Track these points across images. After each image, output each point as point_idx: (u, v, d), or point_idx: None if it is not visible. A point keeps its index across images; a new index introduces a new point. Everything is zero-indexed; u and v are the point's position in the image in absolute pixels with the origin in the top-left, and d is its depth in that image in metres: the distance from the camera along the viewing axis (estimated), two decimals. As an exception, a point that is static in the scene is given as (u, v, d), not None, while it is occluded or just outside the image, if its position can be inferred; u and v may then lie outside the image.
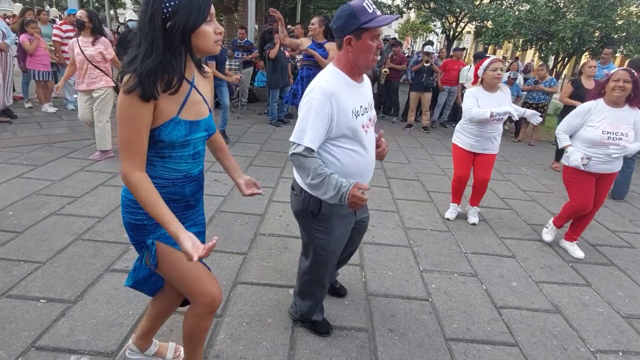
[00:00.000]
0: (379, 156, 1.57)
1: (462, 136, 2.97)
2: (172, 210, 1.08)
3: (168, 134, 1.05)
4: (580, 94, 4.68)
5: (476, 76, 2.89)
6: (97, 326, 1.71)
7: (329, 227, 1.54)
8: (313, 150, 1.34)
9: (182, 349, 1.55)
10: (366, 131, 1.46)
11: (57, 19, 5.77)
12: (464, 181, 3.05)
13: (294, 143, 1.36)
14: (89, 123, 3.78)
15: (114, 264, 2.17)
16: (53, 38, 5.37)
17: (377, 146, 1.56)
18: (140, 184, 1.04)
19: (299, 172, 1.41)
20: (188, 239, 1.03)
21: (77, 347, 1.59)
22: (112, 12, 11.76)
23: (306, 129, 1.33)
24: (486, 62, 2.79)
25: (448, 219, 3.15)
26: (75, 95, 5.91)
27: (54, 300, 1.85)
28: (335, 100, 1.33)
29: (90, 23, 3.49)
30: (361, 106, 1.44)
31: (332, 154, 1.41)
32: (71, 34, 5.46)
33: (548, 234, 2.94)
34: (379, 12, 1.33)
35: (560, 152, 5.13)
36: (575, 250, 2.77)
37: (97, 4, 15.50)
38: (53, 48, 5.53)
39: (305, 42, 3.99)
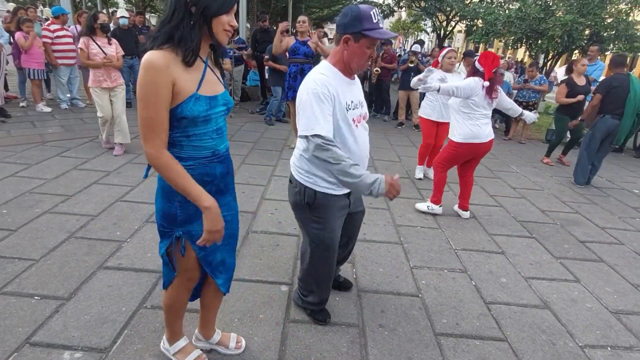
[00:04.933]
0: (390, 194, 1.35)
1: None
2: None
3: (190, 110, 1.09)
4: (574, 92, 4.76)
5: (437, 62, 3.72)
6: (91, 322, 1.72)
7: (324, 217, 1.59)
8: (329, 138, 1.35)
9: (243, 340, 1.66)
10: (357, 125, 1.51)
11: (51, 18, 5.70)
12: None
13: (306, 136, 1.37)
14: (109, 119, 3.89)
15: (106, 261, 2.18)
16: (43, 40, 5.32)
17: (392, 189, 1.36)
18: (172, 161, 1.08)
19: (327, 161, 1.34)
20: (216, 217, 1.14)
21: (71, 343, 1.60)
22: (104, 11, 11.69)
23: (312, 118, 1.36)
24: (444, 51, 3.69)
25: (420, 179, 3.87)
26: (68, 95, 5.89)
27: (47, 297, 1.86)
28: (334, 89, 1.41)
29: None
30: (352, 101, 1.50)
31: None
32: (60, 34, 5.43)
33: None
34: (382, 25, 1.39)
35: (551, 148, 5.23)
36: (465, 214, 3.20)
37: (89, 4, 15.39)
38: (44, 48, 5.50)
39: (290, 41, 4.31)
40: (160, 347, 1.58)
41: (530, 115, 3.12)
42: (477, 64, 2.84)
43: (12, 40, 5.44)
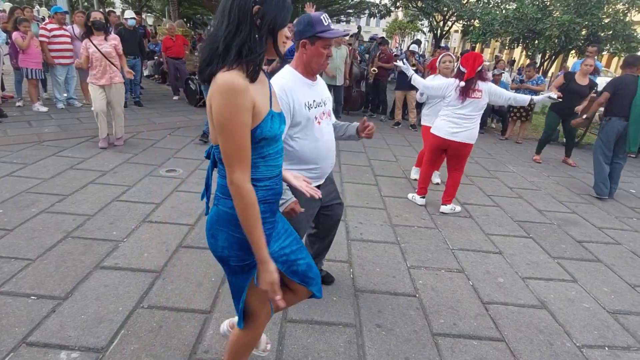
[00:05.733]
0: (367, 134, 1.72)
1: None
2: (270, 215, 1.13)
3: (269, 130, 1.03)
4: (568, 88, 4.74)
5: (435, 67, 3.79)
6: (87, 322, 1.72)
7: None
8: None
9: (270, 343, 1.63)
10: (319, 122, 1.64)
11: (47, 18, 5.69)
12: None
13: None
14: (103, 113, 3.97)
15: (103, 261, 2.17)
16: (40, 39, 5.30)
17: (365, 127, 1.71)
18: (252, 196, 1.01)
19: None
20: (273, 273, 1.06)
21: (68, 343, 1.60)
22: (100, 10, 11.64)
23: None
24: (439, 56, 3.69)
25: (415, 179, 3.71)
26: (65, 94, 5.87)
27: (44, 296, 1.85)
28: (290, 92, 1.53)
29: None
30: (314, 100, 1.62)
31: (288, 144, 1.59)
32: (57, 33, 5.41)
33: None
34: (332, 27, 1.54)
35: (542, 145, 5.25)
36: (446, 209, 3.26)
37: (86, 3, 15.32)
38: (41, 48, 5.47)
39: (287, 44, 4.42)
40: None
41: (540, 98, 3.21)
42: (460, 66, 3.00)
43: (9, 40, 5.41)
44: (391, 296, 2.12)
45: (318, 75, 1.68)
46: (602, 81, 7.76)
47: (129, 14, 6.61)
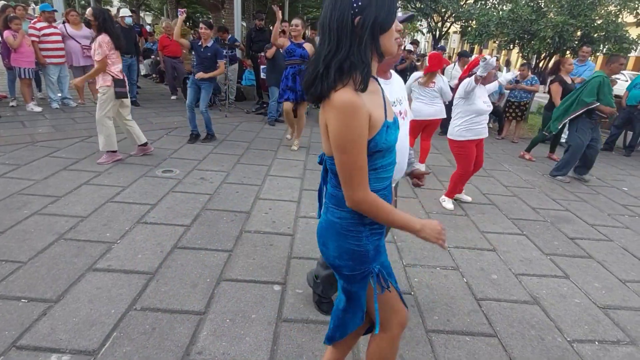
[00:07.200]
0: (416, 184, 1.68)
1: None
2: (378, 227, 1.09)
3: (385, 141, 1.00)
4: (567, 90, 4.86)
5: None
6: (79, 325, 1.70)
7: None
8: None
9: None
10: (403, 118, 1.55)
11: (37, 16, 5.62)
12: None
13: None
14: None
15: (96, 263, 2.16)
16: (31, 38, 5.25)
17: (420, 178, 1.67)
18: (379, 200, 1.01)
19: None
20: (430, 225, 1.06)
21: (59, 346, 1.58)
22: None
23: None
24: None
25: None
26: (59, 94, 5.82)
27: (35, 299, 1.83)
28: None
29: (96, 21, 3.36)
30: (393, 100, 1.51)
31: None
32: (47, 31, 5.35)
33: (448, 203, 3.41)
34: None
35: (533, 144, 5.31)
36: (448, 203, 3.37)
37: (82, 2, 15.15)
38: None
39: (285, 43, 4.43)
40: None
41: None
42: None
43: (0, 40, 5.34)
44: (385, 294, 2.13)
45: (392, 72, 1.58)
46: (621, 85, 7.96)
47: (125, 12, 6.56)
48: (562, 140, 5.55)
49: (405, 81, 6.56)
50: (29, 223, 2.51)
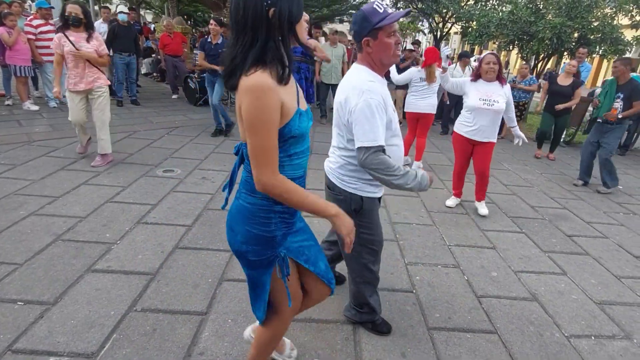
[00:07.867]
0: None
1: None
2: (289, 217, 1.13)
3: (298, 128, 1.03)
4: (552, 89, 4.96)
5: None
6: (77, 327, 1.68)
7: (372, 221, 1.61)
8: (384, 148, 1.40)
9: (295, 349, 1.62)
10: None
11: (33, 12, 5.52)
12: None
13: (369, 147, 1.36)
14: (82, 124, 3.51)
15: (95, 264, 2.14)
16: (27, 36, 5.17)
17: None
18: (291, 184, 1.02)
19: (381, 170, 1.38)
20: (346, 217, 1.11)
21: (56, 349, 1.56)
22: (96, 7, 11.32)
23: (374, 129, 1.36)
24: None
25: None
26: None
27: (32, 302, 1.81)
28: (383, 96, 1.42)
29: (85, 19, 3.28)
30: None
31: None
32: (44, 29, 5.28)
33: (450, 201, 3.45)
34: (390, 10, 1.40)
35: (540, 141, 5.38)
36: (482, 208, 3.31)
37: (81, -1, 14.91)
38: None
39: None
40: None
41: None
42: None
43: None
44: (389, 292, 2.13)
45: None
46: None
47: (121, 7, 6.47)
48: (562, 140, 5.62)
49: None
50: (26, 224, 2.48)
